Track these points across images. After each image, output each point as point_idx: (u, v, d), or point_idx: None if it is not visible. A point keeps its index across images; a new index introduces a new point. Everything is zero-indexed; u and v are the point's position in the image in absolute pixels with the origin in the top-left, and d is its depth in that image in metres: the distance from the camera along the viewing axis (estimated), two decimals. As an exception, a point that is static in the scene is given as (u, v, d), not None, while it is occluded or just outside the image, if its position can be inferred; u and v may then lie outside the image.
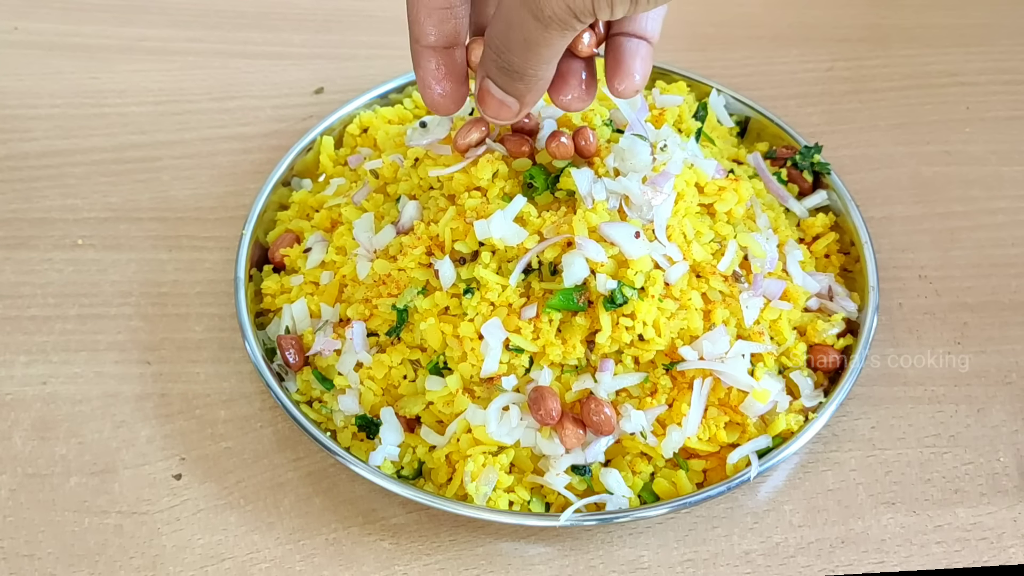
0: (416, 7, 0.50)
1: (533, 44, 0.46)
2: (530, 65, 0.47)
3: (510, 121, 0.51)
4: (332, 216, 0.66)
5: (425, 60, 0.51)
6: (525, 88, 0.49)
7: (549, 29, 0.44)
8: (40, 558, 0.56)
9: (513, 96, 0.49)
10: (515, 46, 0.46)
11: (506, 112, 0.50)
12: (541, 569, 0.56)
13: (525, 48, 0.46)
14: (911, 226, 0.72)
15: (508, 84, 0.49)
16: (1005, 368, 0.65)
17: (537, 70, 0.47)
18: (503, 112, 0.50)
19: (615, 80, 0.51)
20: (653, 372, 0.57)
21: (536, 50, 0.46)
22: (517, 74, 0.48)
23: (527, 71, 0.47)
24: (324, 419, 0.60)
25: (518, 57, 0.47)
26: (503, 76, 0.48)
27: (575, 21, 0.44)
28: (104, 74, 0.81)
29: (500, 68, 0.48)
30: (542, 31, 0.44)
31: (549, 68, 0.48)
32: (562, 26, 0.44)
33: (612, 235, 0.55)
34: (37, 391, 0.63)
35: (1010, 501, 0.59)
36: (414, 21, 0.51)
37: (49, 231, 0.71)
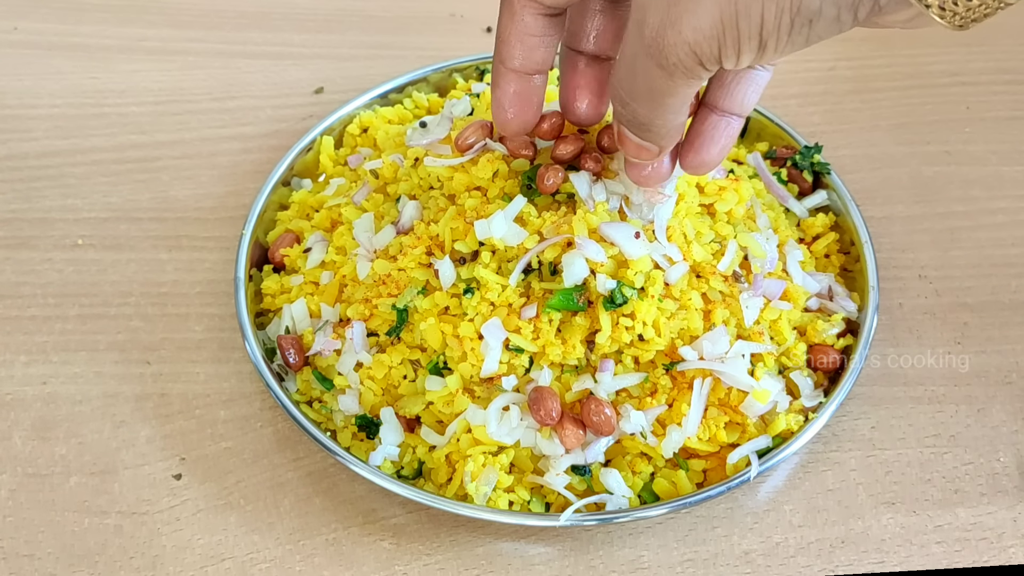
0: (509, 29, 0.49)
1: (658, 94, 0.44)
2: (657, 116, 0.45)
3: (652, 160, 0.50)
4: (332, 216, 0.66)
5: (505, 82, 0.51)
6: (658, 136, 0.47)
7: (674, 78, 0.42)
8: (40, 558, 0.56)
9: (645, 140, 0.48)
10: (640, 96, 0.45)
11: (646, 154, 0.49)
12: (541, 569, 0.56)
13: (650, 98, 0.44)
14: (911, 226, 0.72)
15: (640, 133, 0.47)
16: (1005, 368, 0.65)
17: (665, 120, 0.46)
18: (643, 154, 0.49)
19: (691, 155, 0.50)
20: (653, 372, 0.57)
21: (662, 100, 0.44)
22: (645, 126, 0.46)
23: (655, 122, 0.46)
24: (324, 419, 0.60)
25: (644, 108, 0.45)
26: (633, 127, 0.47)
27: (701, 69, 0.42)
28: (104, 74, 0.81)
29: (629, 120, 0.47)
30: (667, 80, 0.42)
31: (678, 116, 0.46)
32: (688, 74, 0.42)
33: (612, 235, 0.55)
34: (37, 391, 0.63)
35: (1010, 501, 0.59)
36: (503, 41, 0.50)
37: (49, 231, 0.71)
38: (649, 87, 0.44)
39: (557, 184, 0.56)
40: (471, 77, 0.75)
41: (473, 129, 0.60)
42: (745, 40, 0.40)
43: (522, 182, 0.58)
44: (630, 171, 0.52)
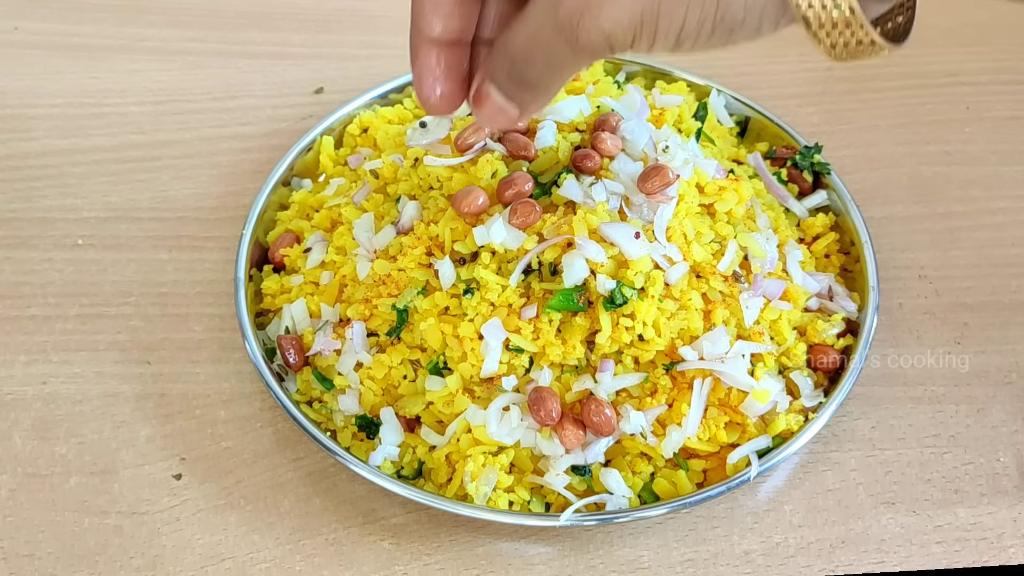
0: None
1: (559, 65, 0.43)
2: (545, 80, 0.45)
3: (505, 127, 0.48)
4: (332, 216, 0.66)
5: (425, 54, 0.48)
6: (532, 98, 0.46)
7: (579, 55, 0.42)
8: (40, 558, 0.56)
9: (516, 104, 0.46)
10: (536, 63, 0.44)
11: (503, 119, 0.47)
12: (541, 569, 0.56)
13: (547, 67, 0.44)
14: (911, 226, 0.72)
15: (515, 92, 0.46)
16: (1005, 368, 0.65)
17: (551, 85, 0.45)
18: (500, 118, 0.47)
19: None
20: (653, 372, 0.57)
21: (559, 70, 0.44)
22: (528, 85, 0.45)
23: (540, 84, 0.45)
24: (324, 419, 0.60)
25: (536, 73, 0.44)
26: (511, 84, 0.46)
27: (607, 52, 0.42)
28: (104, 74, 0.81)
29: (510, 76, 0.45)
30: (571, 56, 0.42)
31: (562, 83, 0.46)
32: (593, 54, 0.42)
33: (612, 236, 0.55)
34: (37, 391, 0.63)
35: (1010, 501, 0.59)
36: (419, 11, 0.47)
37: (49, 231, 0.71)
38: (550, 58, 0.43)
39: (524, 192, 0.56)
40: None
41: (473, 129, 0.60)
42: (662, 37, 0.40)
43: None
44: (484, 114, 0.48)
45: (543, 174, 0.59)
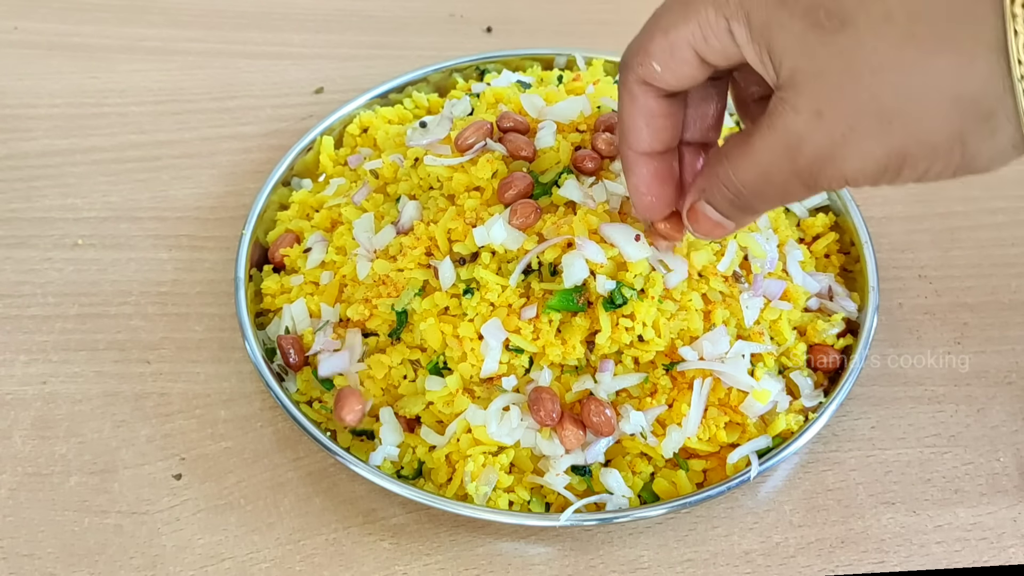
0: (631, 112, 0.47)
1: (789, 198, 0.43)
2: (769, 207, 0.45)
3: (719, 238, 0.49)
4: (332, 216, 0.66)
5: (639, 167, 0.49)
6: (752, 218, 0.47)
7: (814, 192, 0.42)
8: (40, 558, 0.56)
9: (734, 222, 0.46)
10: (767, 198, 0.44)
11: (719, 232, 0.47)
12: (541, 569, 0.56)
13: (777, 200, 0.44)
14: (911, 226, 0.72)
15: (733, 214, 0.46)
16: (1005, 368, 0.65)
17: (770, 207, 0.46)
18: (716, 231, 0.47)
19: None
20: (653, 372, 0.57)
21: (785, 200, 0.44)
22: (751, 210, 0.45)
23: (760, 211, 0.46)
24: (324, 419, 0.60)
25: (760, 204, 0.44)
26: (731, 208, 0.45)
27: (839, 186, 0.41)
28: (104, 74, 0.81)
29: (731, 203, 0.45)
30: (806, 194, 0.42)
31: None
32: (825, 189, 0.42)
33: (612, 237, 0.55)
34: (37, 390, 0.63)
35: (1010, 501, 0.59)
36: (629, 128, 0.47)
37: (49, 230, 0.71)
38: (783, 193, 0.43)
39: (524, 192, 0.57)
40: (471, 77, 0.75)
41: (473, 129, 0.60)
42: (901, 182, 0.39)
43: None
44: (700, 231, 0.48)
45: (543, 174, 0.59)
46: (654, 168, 0.49)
